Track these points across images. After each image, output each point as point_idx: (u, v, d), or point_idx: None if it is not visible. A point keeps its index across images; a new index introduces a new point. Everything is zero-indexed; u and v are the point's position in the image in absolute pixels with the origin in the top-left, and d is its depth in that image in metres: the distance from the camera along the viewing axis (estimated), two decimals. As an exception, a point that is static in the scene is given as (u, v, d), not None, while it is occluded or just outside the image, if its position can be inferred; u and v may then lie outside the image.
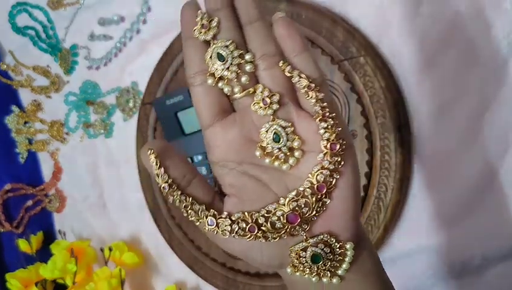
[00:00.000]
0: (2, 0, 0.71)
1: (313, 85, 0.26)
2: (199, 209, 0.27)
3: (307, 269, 0.27)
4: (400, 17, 0.47)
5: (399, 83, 0.47)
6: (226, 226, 0.26)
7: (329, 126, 0.26)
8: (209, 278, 0.58)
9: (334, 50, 0.48)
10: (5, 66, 0.72)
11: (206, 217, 0.27)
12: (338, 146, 0.26)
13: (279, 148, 0.26)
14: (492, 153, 0.44)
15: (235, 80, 0.26)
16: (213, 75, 0.26)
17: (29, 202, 0.73)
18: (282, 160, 0.26)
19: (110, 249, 0.63)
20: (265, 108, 0.26)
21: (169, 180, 0.27)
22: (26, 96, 0.73)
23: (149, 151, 0.27)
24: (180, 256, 0.60)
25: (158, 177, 0.27)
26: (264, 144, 0.26)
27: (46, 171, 0.73)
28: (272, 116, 0.26)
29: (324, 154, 0.26)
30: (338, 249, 0.26)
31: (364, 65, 0.47)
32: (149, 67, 0.61)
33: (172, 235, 0.60)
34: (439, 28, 0.45)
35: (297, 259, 0.27)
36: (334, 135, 0.26)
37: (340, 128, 0.26)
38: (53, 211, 0.72)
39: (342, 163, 0.26)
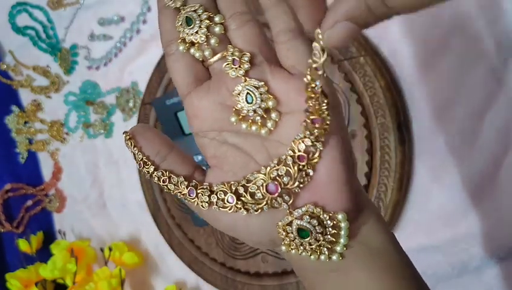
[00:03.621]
0: (2, 0, 0.71)
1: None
2: (177, 181, 0.26)
3: (300, 246, 0.25)
4: (400, 17, 0.47)
5: (399, 83, 0.47)
6: (205, 197, 0.25)
7: (314, 103, 0.23)
8: (209, 278, 0.58)
9: (334, 50, 0.48)
10: (5, 66, 0.72)
11: (187, 188, 0.26)
12: (320, 122, 0.23)
13: (254, 111, 0.24)
14: (492, 153, 0.44)
15: (206, 44, 0.25)
16: (184, 41, 0.25)
17: (29, 202, 0.73)
18: (259, 124, 0.25)
19: (110, 249, 0.63)
20: (236, 68, 0.24)
21: (143, 158, 0.26)
22: (26, 96, 0.73)
23: (124, 134, 0.27)
24: (179, 256, 0.60)
25: (135, 156, 0.27)
26: (238, 107, 0.25)
27: (46, 171, 0.73)
28: (244, 77, 0.24)
29: (306, 122, 0.24)
30: (328, 222, 0.24)
31: (364, 65, 0.47)
32: (149, 67, 0.61)
33: (172, 235, 0.60)
34: (439, 28, 0.45)
35: (286, 235, 0.25)
36: (317, 112, 0.23)
37: (325, 104, 0.23)
38: (53, 211, 0.72)
39: (325, 134, 0.24)
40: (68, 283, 0.62)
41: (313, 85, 0.23)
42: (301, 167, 0.24)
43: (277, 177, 0.24)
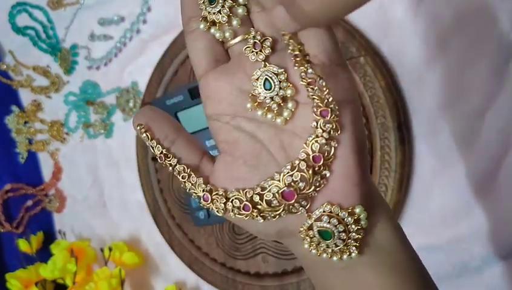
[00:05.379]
0: (2, 0, 0.71)
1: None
2: (196, 182, 0.25)
3: (328, 249, 0.24)
4: (400, 17, 0.47)
5: (399, 83, 0.47)
6: (220, 204, 0.24)
7: (317, 91, 0.23)
8: (209, 278, 0.58)
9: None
10: (5, 66, 0.72)
11: (202, 191, 0.25)
12: (329, 113, 0.22)
13: (272, 98, 0.23)
14: (492, 153, 0.44)
15: (227, 24, 0.24)
16: (205, 19, 0.24)
17: (29, 202, 0.73)
18: (275, 112, 0.24)
19: (110, 249, 0.63)
20: (257, 53, 0.24)
21: (163, 151, 0.26)
22: (26, 96, 0.73)
23: (138, 127, 0.27)
24: (179, 256, 0.60)
25: (153, 149, 0.26)
26: (255, 93, 0.24)
27: (46, 171, 0.73)
28: (263, 62, 0.24)
29: (317, 121, 0.23)
30: (349, 219, 0.23)
31: (364, 65, 0.47)
32: (149, 67, 0.61)
33: (172, 235, 0.60)
34: (439, 27, 0.45)
35: (310, 241, 0.24)
36: (324, 101, 0.22)
37: (330, 94, 0.23)
38: (53, 211, 0.72)
39: (339, 130, 0.23)
40: (68, 283, 0.62)
41: (303, 68, 0.23)
42: (316, 169, 0.23)
43: (292, 183, 0.23)
